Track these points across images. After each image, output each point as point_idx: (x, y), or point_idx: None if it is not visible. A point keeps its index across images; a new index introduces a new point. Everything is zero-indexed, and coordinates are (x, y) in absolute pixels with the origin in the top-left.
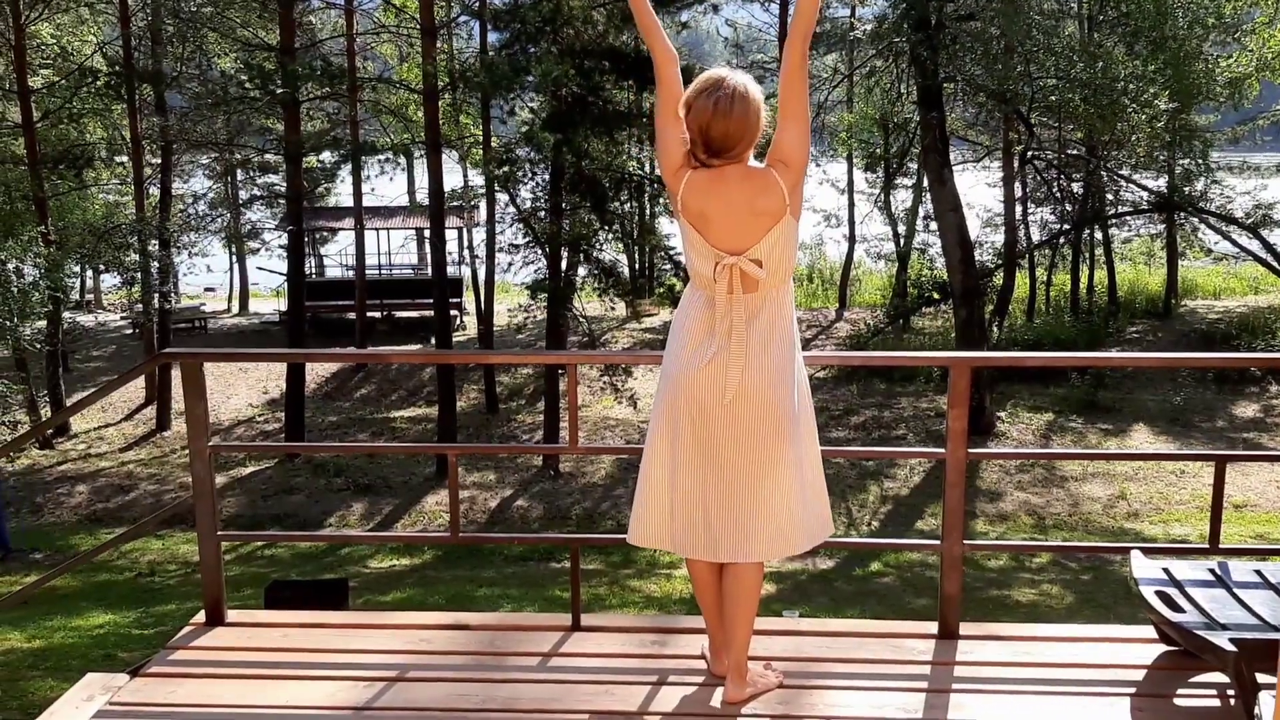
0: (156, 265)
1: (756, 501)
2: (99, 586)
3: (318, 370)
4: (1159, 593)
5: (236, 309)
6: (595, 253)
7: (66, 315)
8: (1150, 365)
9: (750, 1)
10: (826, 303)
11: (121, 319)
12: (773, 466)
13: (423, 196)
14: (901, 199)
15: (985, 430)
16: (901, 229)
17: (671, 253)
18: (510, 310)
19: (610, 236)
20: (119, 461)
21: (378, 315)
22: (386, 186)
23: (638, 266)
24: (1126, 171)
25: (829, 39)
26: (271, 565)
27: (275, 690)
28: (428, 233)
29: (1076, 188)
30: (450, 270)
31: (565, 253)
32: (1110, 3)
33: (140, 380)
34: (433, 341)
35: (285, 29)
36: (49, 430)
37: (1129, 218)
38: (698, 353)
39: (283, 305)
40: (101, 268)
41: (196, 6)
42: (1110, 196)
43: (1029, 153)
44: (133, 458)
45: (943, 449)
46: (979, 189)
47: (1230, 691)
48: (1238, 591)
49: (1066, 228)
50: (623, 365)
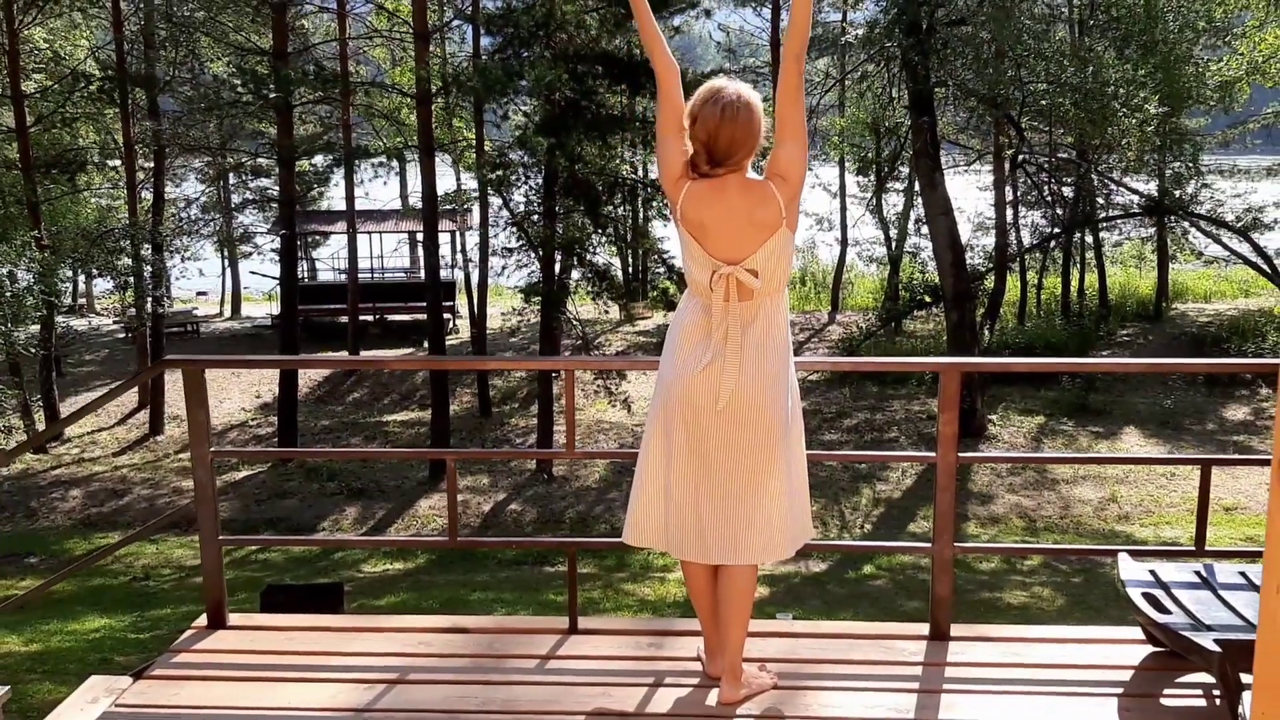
0: (149, 270)
1: (748, 506)
2: (94, 591)
3: (310, 374)
4: (1146, 594)
5: (228, 313)
6: (589, 256)
7: (59, 320)
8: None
9: (742, 6)
10: (819, 306)
11: (114, 323)
12: (765, 472)
13: (415, 200)
14: (893, 203)
15: (977, 433)
16: (893, 233)
17: (665, 256)
18: (504, 314)
19: (604, 240)
20: (112, 466)
21: (370, 319)
22: (379, 190)
23: (631, 270)
24: (1117, 175)
25: (821, 44)
26: (265, 570)
27: (277, 692)
28: (420, 236)
29: (1067, 191)
30: (443, 274)
31: (559, 256)
32: (1100, 7)
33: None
34: (425, 345)
35: (278, 33)
36: (48, 434)
37: (1119, 221)
38: (692, 358)
39: (275, 309)
40: (94, 272)
41: (189, 11)
42: (1101, 200)
43: (1020, 157)
44: (126, 462)
45: (934, 452)
46: (970, 193)
47: (1215, 691)
48: (1223, 593)
49: (1057, 231)
50: (616, 369)
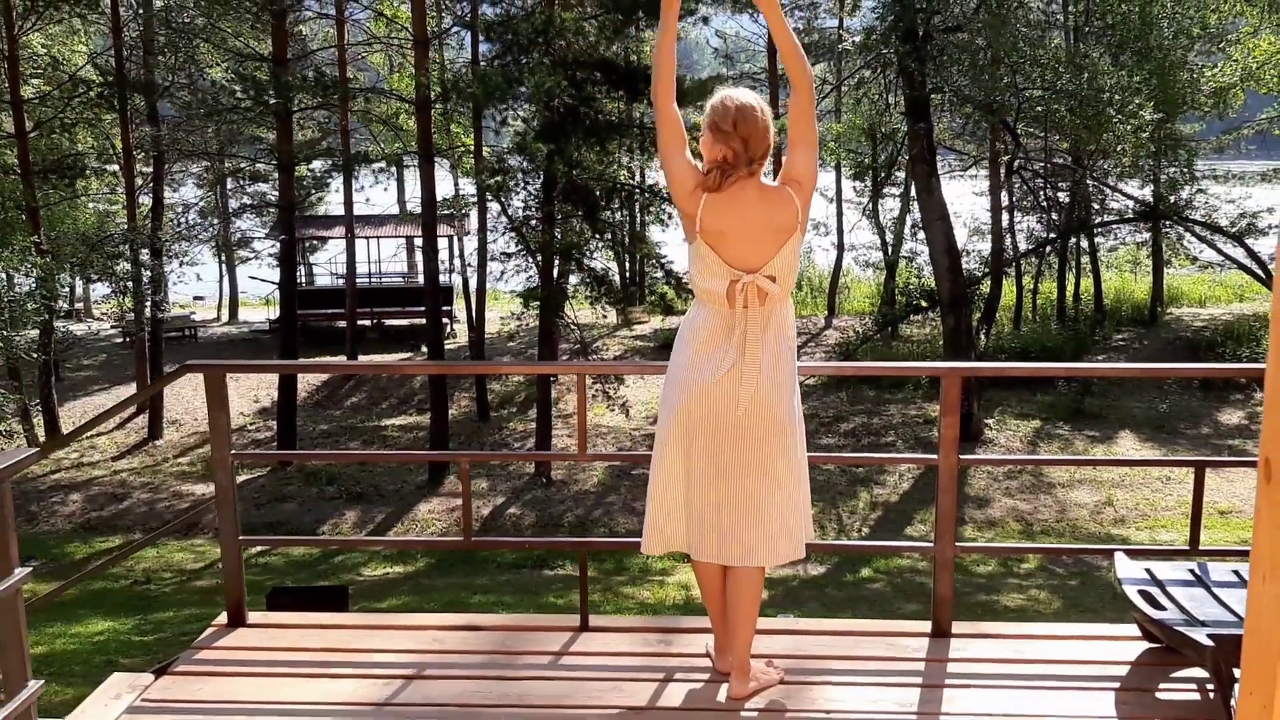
0: (148, 274)
1: (764, 508)
2: (96, 594)
3: (308, 379)
4: (1141, 592)
5: (226, 317)
6: (587, 261)
7: (58, 324)
8: (1135, 375)
9: (740, 13)
10: (816, 310)
11: (112, 328)
12: (781, 475)
13: (414, 205)
14: (889, 208)
15: (973, 437)
16: (889, 237)
17: (663, 261)
18: (502, 318)
19: (602, 245)
20: (112, 470)
21: (368, 323)
22: (378, 195)
23: (629, 274)
24: (1112, 181)
25: (818, 50)
26: (265, 573)
27: (298, 687)
28: (419, 241)
29: (1063, 197)
30: (441, 278)
31: (557, 261)
32: (1096, 14)
33: (130, 388)
34: (424, 349)
35: (278, 39)
36: (46, 435)
37: (1115, 226)
38: (709, 365)
39: (272, 314)
40: (93, 277)
41: (189, 17)
42: (1096, 205)
43: (1015, 162)
44: (125, 466)
45: (932, 455)
46: (966, 198)
47: (1209, 685)
48: (1216, 590)
49: (1053, 236)
50: (623, 374)
